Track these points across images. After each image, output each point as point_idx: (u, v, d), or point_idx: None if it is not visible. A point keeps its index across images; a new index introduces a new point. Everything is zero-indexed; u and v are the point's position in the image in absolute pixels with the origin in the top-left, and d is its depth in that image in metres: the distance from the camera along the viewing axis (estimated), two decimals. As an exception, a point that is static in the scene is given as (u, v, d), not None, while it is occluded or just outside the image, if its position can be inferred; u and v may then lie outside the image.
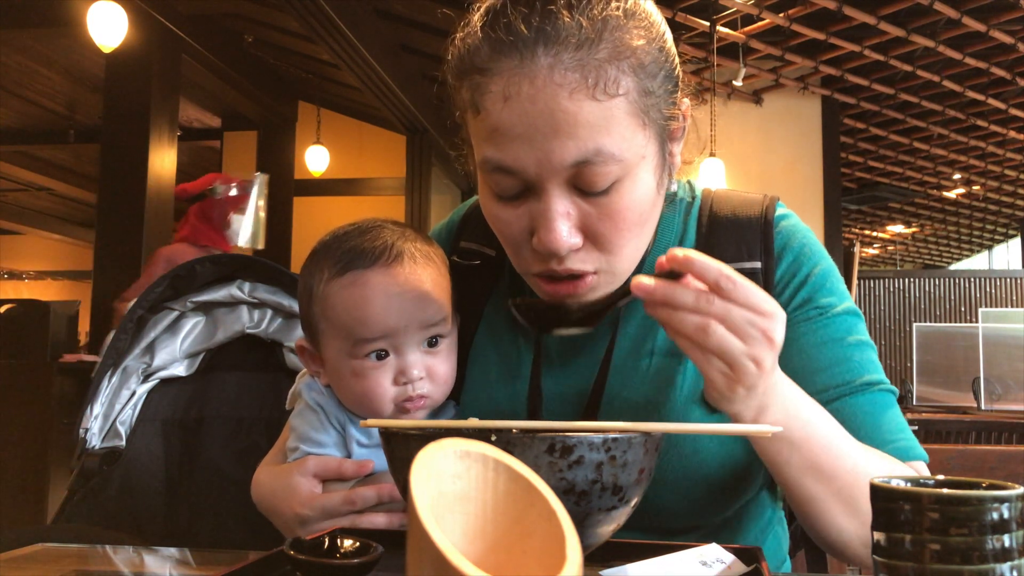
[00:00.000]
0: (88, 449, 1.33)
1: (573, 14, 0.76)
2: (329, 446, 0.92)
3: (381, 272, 0.89)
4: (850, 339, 0.91)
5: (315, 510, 0.86)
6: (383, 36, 5.42)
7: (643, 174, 0.81)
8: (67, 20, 4.87)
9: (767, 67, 5.71)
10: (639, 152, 0.80)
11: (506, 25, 0.76)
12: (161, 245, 5.09)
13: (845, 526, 0.81)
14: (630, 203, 0.81)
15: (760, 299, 0.71)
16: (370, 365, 0.90)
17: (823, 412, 0.82)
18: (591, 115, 0.75)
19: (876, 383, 0.90)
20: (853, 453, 0.81)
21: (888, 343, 7.29)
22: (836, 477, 0.79)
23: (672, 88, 0.84)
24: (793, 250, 0.93)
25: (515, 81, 0.76)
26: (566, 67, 0.75)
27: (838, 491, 0.79)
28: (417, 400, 0.91)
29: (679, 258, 0.70)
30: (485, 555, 0.47)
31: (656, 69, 0.80)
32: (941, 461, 1.41)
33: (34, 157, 8.74)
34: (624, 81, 0.77)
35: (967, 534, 0.51)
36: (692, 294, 0.70)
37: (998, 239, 12.01)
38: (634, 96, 0.78)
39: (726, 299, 0.70)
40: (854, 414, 0.87)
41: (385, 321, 0.88)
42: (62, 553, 0.87)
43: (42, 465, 3.86)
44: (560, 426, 0.63)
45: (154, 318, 1.37)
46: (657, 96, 0.81)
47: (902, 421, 0.90)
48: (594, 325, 0.82)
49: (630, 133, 0.78)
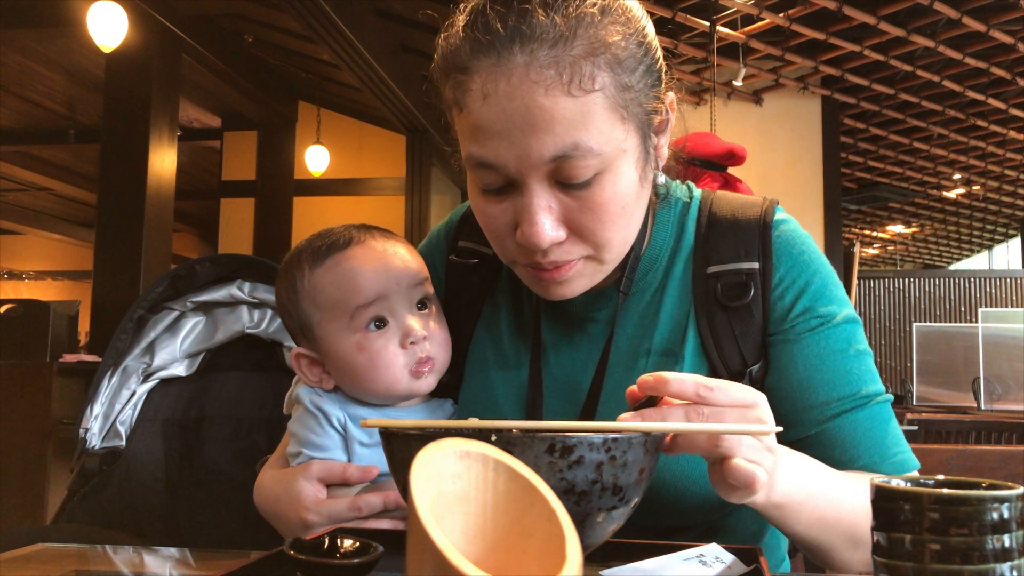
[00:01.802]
0: (88, 449, 1.33)
1: (548, 12, 0.77)
2: (331, 449, 0.92)
3: (358, 247, 0.95)
4: (850, 350, 0.92)
5: (321, 515, 0.86)
6: (383, 36, 5.42)
7: (624, 167, 0.82)
8: (67, 20, 4.88)
9: (767, 67, 5.70)
10: (619, 146, 0.80)
11: (484, 24, 0.78)
12: (161, 245, 5.10)
13: (849, 558, 0.83)
14: (612, 195, 0.81)
15: (742, 393, 0.70)
16: (373, 335, 0.92)
17: (821, 467, 0.82)
18: (567, 111, 0.76)
19: (875, 395, 0.92)
20: (853, 495, 0.82)
21: (888, 343, 7.29)
22: (840, 521, 0.81)
23: (654, 82, 0.84)
24: (792, 255, 0.93)
25: (493, 79, 0.77)
26: (541, 64, 0.76)
27: (842, 532, 0.81)
28: (426, 362, 0.93)
29: (651, 383, 0.69)
30: (485, 555, 0.47)
31: (634, 64, 0.81)
32: (941, 461, 1.41)
33: (34, 157, 8.74)
34: (600, 76, 0.77)
35: (967, 534, 0.51)
36: (681, 411, 0.69)
37: (998, 239, 12.01)
38: (611, 91, 0.78)
39: (711, 405, 0.69)
40: (855, 430, 0.90)
41: (374, 283, 0.92)
42: (62, 553, 0.87)
43: (42, 465, 3.86)
44: (560, 426, 0.63)
45: (154, 318, 1.37)
46: (636, 90, 0.81)
47: (899, 433, 0.93)
48: None
49: (608, 127, 0.79)
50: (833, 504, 0.80)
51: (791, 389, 0.91)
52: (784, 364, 0.91)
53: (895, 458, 0.90)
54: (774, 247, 0.93)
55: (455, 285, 1.05)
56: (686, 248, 0.96)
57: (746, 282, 0.92)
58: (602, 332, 0.94)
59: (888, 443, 0.91)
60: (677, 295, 0.94)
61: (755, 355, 0.92)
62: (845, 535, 0.81)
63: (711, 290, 0.92)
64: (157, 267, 4.96)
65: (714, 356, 0.91)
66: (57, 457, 3.86)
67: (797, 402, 0.91)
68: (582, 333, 0.96)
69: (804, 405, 0.90)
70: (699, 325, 0.92)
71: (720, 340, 0.91)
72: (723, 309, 0.92)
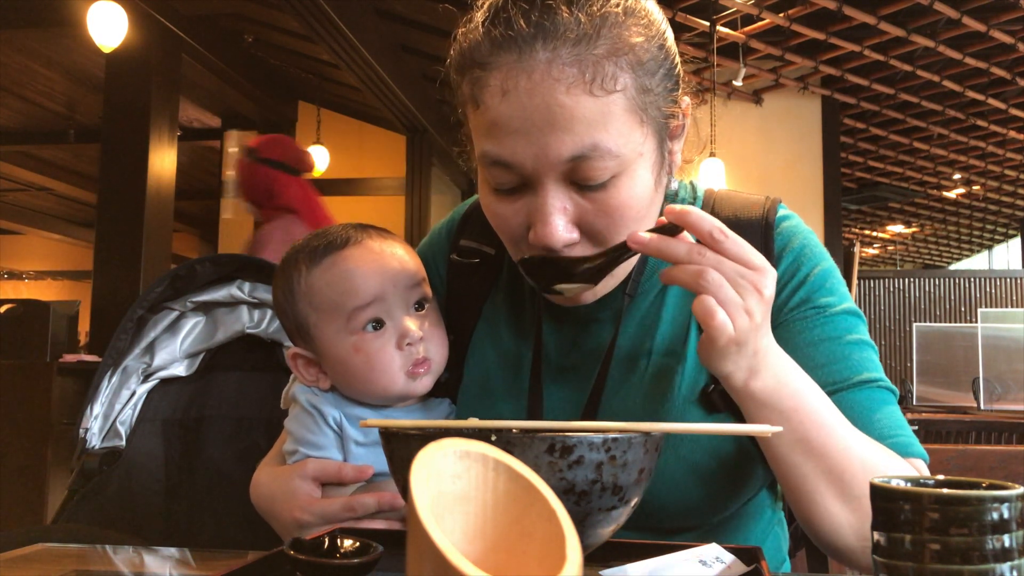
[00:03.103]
0: (88, 449, 1.33)
1: (572, 10, 0.77)
2: (327, 448, 0.92)
3: (355, 248, 0.94)
4: (849, 337, 0.90)
5: (314, 515, 0.86)
6: (383, 36, 5.41)
7: (641, 171, 0.81)
8: (67, 20, 4.87)
9: (767, 67, 5.71)
10: (636, 149, 0.80)
11: (506, 20, 0.77)
12: (161, 245, 5.10)
13: (836, 512, 0.79)
14: (628, 199, 0.81)
15: (751, 253, 0.74)
16: (370, 336, 0.92)
17: (815, 386, 0.81)
18: (588, 110, 0.76)
19: (874, 380, 0.89)
20: (845, 432, 0.80)
21: (888, 343, 7.29)
22: (827, 455, 0.78)
23: (672, 86, 0.84)
24: (793, 251, 0.93)
25: (513, 75, 0.77)
26: (564, 62, 0.75)
27: (828, 470, 0.78)
28: (423, 363, 0.93)
29: (676, 211, 0.74)
30: (485, 555, 0.47)
31: (655, 67, 0.81)
32: (941, 461, 1.41)
33: (34, 157, 8.74)
34: (622, 77, 0.77)
35: (967, 534, 0.51)
36: (685, 246, 0.74)
37: (998, 239, 12.01)
38: (632, 92, 0.78)
39: (718, 251, 0.73)
40: (850, 408, 0.85)
41: (372, 285, 0.92)
42: (62, 553, 0.87)
43: (42, 465, 3.85)
44: (560, 426, 0.63)
45: (154, 318, 1.37)
46: (656, 94, 0.81)
47: (901, 418, 0.89)
48: (596, 282, 0.83)
49: (627, 129, 0.78)
50: (822, 430, 0.78)
51: None
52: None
53: (895, 439, 0.85)
54: (776, 244, 0.93)
55: (456, 284, 1.05)
56: None
57: None
58: (604, 332, 0.94)
59: (887, 424, 0.86)
60: (680, 295, 0.94)
61: None
62: (832, 475, 0.78)
63: None
64: (157, 267, 4.95)
65: None
66: (57, 457, 3.86)
67: None
68: (584, 334, 0.96)
69: None
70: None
71: None
72: None
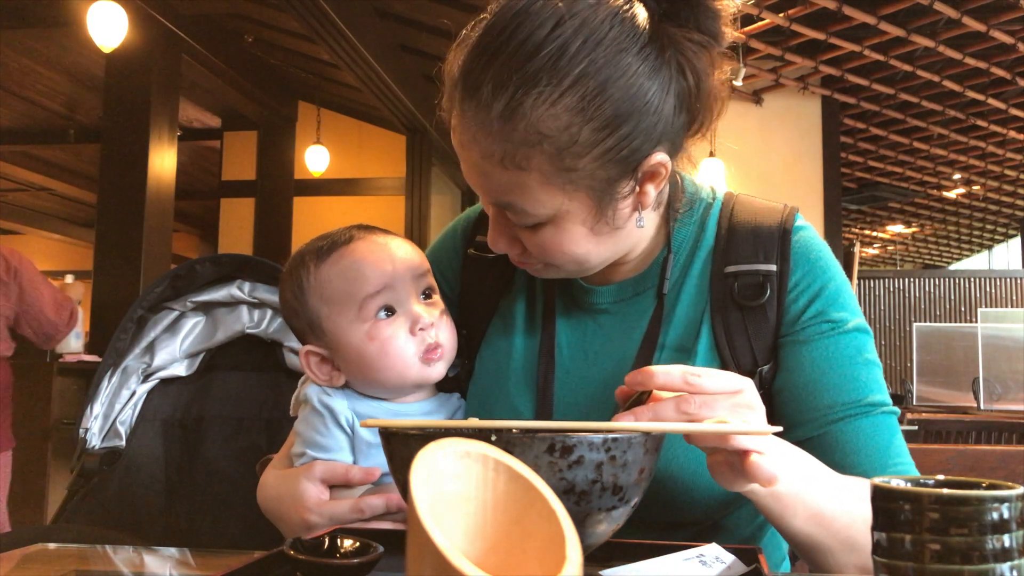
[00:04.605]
0: (88, 449, 1.33)
1: (497, 92, 0.78)
2: (335, 450, 0.93)
3: (360, 242, 0.97)
4: (859, 358, 0.92)
5: (323, 517, 0.86)
6: (383, 36, 5.41)
7: (567, 224, 0.84)
8: (67, 20, 4.87)
9: (767, 67, 5.70)
10: (559, 208, 0.82)
11: (468, 64, 0.81)
12: (161, 245, 5.10)
13: (844, 561, 0.82)
14: (559, 243, 0.85)
15: (728, 380, 0.72)
16: (383, 323, 0.93)
17: (816, 461, 0.82)
18: (501, 178, 0.80)
19: (880, 404, 0.91)
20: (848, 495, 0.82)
21: (888, 343, 7.29)
22: (837, 520, 0.80)
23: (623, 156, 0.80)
24: (809, 261, 0.94)
25: (456, 117, 0.82)
26: (486, 131, 0.79)
27: (838, 532, 0.80)
28: (436, 348, 0.94)
29: (638, 379, 0.71)
30: (485, 555, 0.47)
31: (587, 147, 0.78)
32: (941, 461, 1.41)
33: (34, 157, 8.73)
34: (536, 158, 0.79)
35: (967, 534, 0.51)
36: (672, 405, 0.70)
37: (998, 239, 12.01)
38: (548, 171, 0.80)
39: (699, 392, 0.70)
40: (857, 435, 0.89)
41: (381, 272, 0.93)
42: (62, 553, 0.88)
43: (42, 465, 3.85)
44: (560, 426, 0.63)
45: (154, 318, 1.37)
46: (585, 170, 0.80)
47: (902, 445, 0.92)
48: None
49: (546, 197, 0.81)
50: (831, 502, 0.80)
51: (798, 390, 0.91)
52: (792, 365, 0.92)
53: (895, 468, 0.90)
54: (792, 252, 0.94)
55: (472, 279, 1.06)
56: (706, 248, 0.97)
57: (763, 283, 0.93)
58: (612, 325, 0.96)
59: (890, 452, 0.90)
60: (694, 293, 0.95)
61: (766, 356, 0.93)
62: (841, 536, 0.81)
63: (728, 289, 0.94)
64: (157, 267, 4.95)
65: (726, 354, 0.92)
66: (57, 457, 3.86)
67: (803, 404, 0.91)
68: (596, 328, 0.97)
69: (809, 407, 0.91)
70: (714, 323, 0.93)
71: (733, 339, 0.92)
72: (738, 308, 0.93)
